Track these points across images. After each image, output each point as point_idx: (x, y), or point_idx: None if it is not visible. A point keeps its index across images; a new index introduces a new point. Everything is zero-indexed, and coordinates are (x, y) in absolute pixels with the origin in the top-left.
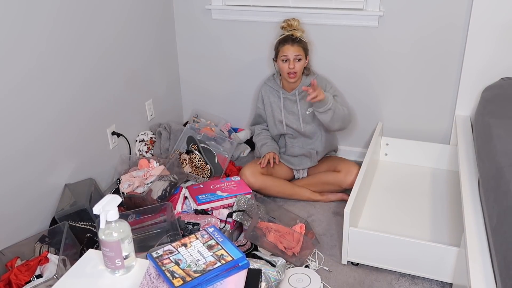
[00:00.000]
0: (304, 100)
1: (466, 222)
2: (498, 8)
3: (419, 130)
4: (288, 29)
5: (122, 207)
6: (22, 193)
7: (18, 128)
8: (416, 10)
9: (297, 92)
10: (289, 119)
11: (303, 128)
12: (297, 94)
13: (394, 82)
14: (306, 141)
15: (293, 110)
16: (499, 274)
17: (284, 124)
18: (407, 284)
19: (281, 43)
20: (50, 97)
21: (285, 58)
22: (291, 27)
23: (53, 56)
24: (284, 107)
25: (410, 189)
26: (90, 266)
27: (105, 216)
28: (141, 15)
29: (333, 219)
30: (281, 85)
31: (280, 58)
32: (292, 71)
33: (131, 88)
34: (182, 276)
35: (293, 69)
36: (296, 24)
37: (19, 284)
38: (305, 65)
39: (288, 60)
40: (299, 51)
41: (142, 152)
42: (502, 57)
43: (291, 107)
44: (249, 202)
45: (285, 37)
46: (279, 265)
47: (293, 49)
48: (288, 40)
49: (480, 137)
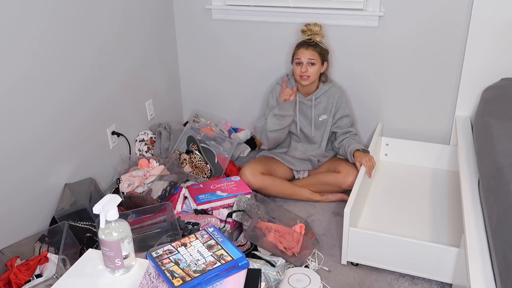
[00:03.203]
0: (319, 107)
1: (466, 223)
2: (498, 9)
3: (419, 130)
4: (307, 33)
5: (122, 206)
6: (22, 192)
7: (18, 128)
8: (416, 11)
9: (313, 98)
10: (302, 122)
11: (313, 133)
12: (313, 99)
13: (394, 82)
14: (310, 147)
15: (306, 115)
16: (499, 275)
17: (298, 127)
18: (407, 285)
19: (297, 46)
20: (50, 97)
21: (298, 61)
22: (311, 31)
23: (54, 55)
24: (299, 110)
25: (410, 190)
26: (90, 265)
27: (105, 216)
28: (141, 15)
29: (333, 219)
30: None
31: (295, 61)
32: (304, 74)
33: (131, 87)
34: (181, 276)
35: (305, 72)
36: (317, 30)
37: (19, 283)
38: (321, 70)
39: (301, 63)
40: (313, 55)
41: (142, 152)
42: (502, 58)
43: (305, 111)
44: (249, 202)
45: (302, 41)
46: (278, 265)
47: (307, 52)
48: (304, 44)
49: (480, 138)
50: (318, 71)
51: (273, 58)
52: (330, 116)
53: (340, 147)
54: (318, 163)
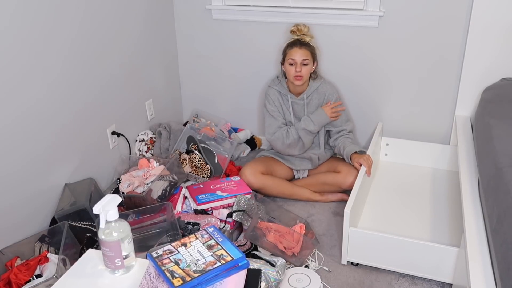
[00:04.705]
0: (311, 105)
1: (466, 222)
2: (498, 9)
3: (419, 130)
4: (297, 34)
5: (122, 207)
6: (22, 192)
7: (18, 128)
8: (416, 10)
9: (305, 96)
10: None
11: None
12: (305, 98)
13: (394, 83)
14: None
15: (300, 115)
16: (499, 274)
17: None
18: (407, 285)
19: (289, 46)
20: (49, 97)
21: (292, 62)
22: (300, 32)
23: (52, 55)
24: (293, 111)
25: (410, 189)
26: (90, 266)
27: (105, 216)
28: (141, 15)
29: (333, 219)
30: (288, 89)
31: (288, 61)
32: (298, 74)
33: (131, 88)
34: (182, 276)
35: (300, 72)
36: (306, 30)
37: (19, 283)
38: (312, 70)
39: (295, 63)
40: (306, 56)
41: (142, 152)
42: (502, 58)
43: (299, 112)
44: (249, 202)
45: (294, 40)
46: (279, 265)
47: (301, 52)
48: (297, 44)
49: (480, 138)
50: (310, 71)
51: (273, 58)
52: None
53: (335, 146)
54: (318, 161)
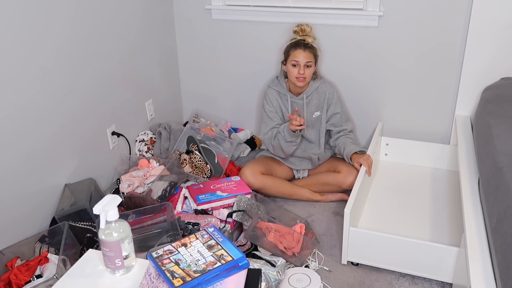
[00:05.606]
0: (311, 104)
1: (466, 222)
2: (498, 8)
3: (419, 130)
4: (300, 34)
5: (122, 207)
6: (22, 193)
7: (18, 128)
8: (416, 10)
9: (304, 96)
10: None
11: (308, 132)
12: (305, 98)
13: (394, 82)
14: (309, 145)
15: (300, 114)
16: (499, 274)
17: None
18: (407, 284)
19: (292, 47)
20: (49, 97)
21: (295, 63)
22: (303, 32)
23: (53, 56)
24: (292, 111)
25: (410, 189)
26: (90, 266)
27: (105, 216)
28: (141, 15)
29: (333, 219)
30: (288, 88)
31: (290, 62)
32: (301, 76)
33: (131, 88)
34: (182, 276)
35: (303, 74)
36: (309, 30)
37: (19, 284)
38: (313, 71)
39: (298, 65)
40: (310, 58)
41: (142, 152)
42: (502, 57)
43: (298, 111)
44: (249, 202)
45: (297, 41)
46: (279, 265)
47: (304, 54)
48: (301, 45)
49: (480, 137)
50: (312, 72)
51: (273, 58)
52: (324, 113)
53: (336, 146)
54: (318, 161)
